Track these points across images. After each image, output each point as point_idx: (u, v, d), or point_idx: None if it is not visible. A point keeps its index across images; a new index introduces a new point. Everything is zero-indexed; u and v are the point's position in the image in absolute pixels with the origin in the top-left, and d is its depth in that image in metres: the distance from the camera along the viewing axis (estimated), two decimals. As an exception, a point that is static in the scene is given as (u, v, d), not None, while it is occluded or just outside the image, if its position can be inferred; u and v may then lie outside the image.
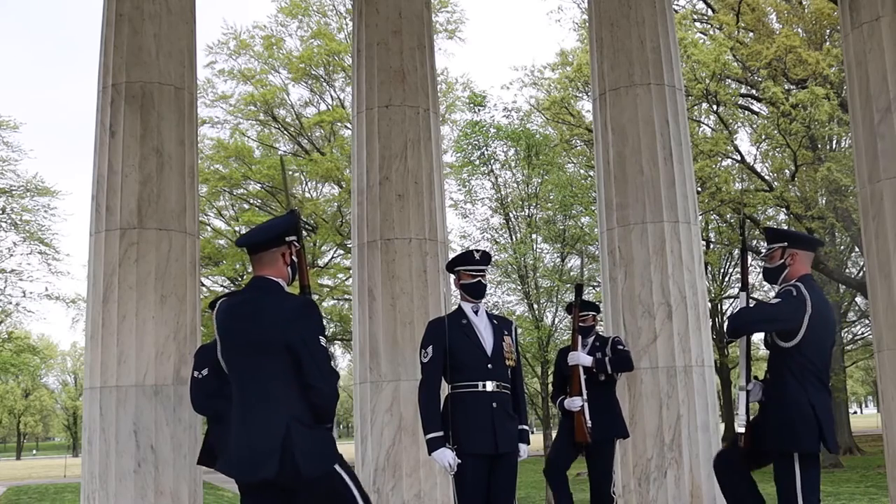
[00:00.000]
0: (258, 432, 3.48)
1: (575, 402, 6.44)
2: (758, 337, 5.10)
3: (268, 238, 3.72)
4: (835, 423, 4.59)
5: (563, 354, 6.87)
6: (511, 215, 18.91)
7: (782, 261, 4.68)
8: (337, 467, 3.62)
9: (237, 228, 25.51)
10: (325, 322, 3.70)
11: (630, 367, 6.68)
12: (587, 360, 6.51)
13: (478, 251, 5.06)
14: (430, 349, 4.84)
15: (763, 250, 4.92)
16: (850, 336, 27.53)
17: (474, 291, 4.97)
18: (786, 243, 4.70)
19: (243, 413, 3.57)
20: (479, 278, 4.98)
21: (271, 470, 3.41)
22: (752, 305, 4.77)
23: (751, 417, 4.70)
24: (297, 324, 3.53)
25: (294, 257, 3.76)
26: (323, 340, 3.57)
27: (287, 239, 3.73)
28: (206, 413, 5.95)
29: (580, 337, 6.74)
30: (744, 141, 35.58)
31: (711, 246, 24.70)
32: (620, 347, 6.69)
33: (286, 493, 3.53)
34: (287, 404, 3.50)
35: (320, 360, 3.54)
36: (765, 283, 5.05)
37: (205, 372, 5.85)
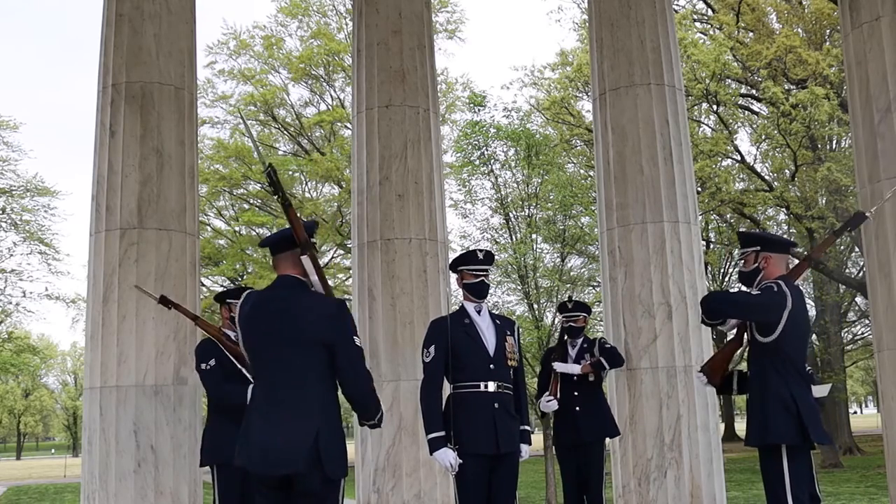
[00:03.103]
0: (289, 427, 3.49)
1: (551, 405, 6.49)
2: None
3: (290, 238, 3.80)
4: (820, 414, 4.58)
5: (549, 354, 6.90)
6: (511, 215, 18.89)
7: (756, 265, 4.70)
8: (343, 480, 3.65)
9: (237, 228, 25.51)
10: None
11: (622, 361, 6.78)
12: (575, 369, 6.55)
13: (481, 251, 5.05)
14: (432, 349, 4.84)
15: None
16: (850, 336, 27.51)
17: (477, 291, 4.97)
18: (759, 247, 4.72)
19: (273, 408, 3.57)
20: (483, 278, 4.98)
21: (299, 465, 3.43)
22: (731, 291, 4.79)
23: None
24: (336, 322, 3.61)
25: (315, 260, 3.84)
26: (357, 341, 3.66)
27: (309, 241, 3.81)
28: (231, 398, 5.92)
29: (568, 338, 6.79)
30: (744, 141, 35.63)
31: (711, 246, 24.70)
32: (608, 346, 6.74)
33: (295, 493, 3.53)
34: (320, 402, 3.55)
35: (355, 359, 3.64)
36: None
37: (212, 363, 5.87)
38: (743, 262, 4.80)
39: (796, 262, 4.99)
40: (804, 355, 4.67)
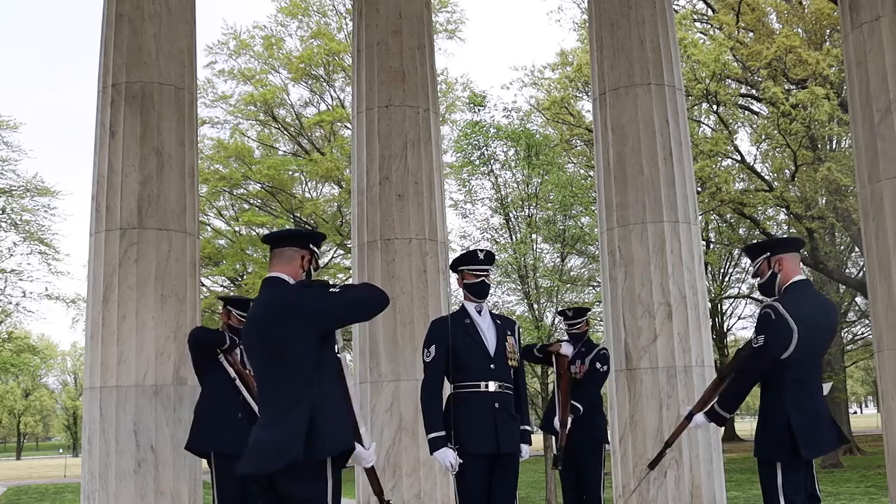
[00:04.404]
0: (282, 427, 3.49)
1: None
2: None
3: (293, 234, 3.85)
4: (821, 427, 4.55)
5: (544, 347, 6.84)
6: (511, 215, 18.90)
7: (771, 270, 4.66)
8: (330, 482, 3.58)
9: (237, 228, 25.50)
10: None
11: (598, 385, 6.71)
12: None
13: (482, 251, 5.05)
14: (432, 349, 4.84)
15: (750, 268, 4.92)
16: (850, 336, 27.52)
17: (478, 291, 4.97)
18: (768, 253, 4.69)
19: (268, 414, 3.59)
20: (483, 278, 4.98)
21: (297, 452, 3.41)
22: (744, 367, 4.63)
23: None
24: (303, 297, 3.59)
25: (312, 266, 3.84)
26: (333, 289, 3.62)
27: (311, 246, 3.84)
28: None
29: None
30: (744, 141, 35.59)
31: (711, 246, 24.71)
32: (598, 366, 6.62)
33: (284, 497, 3.53)
34: (308, 393, 3.52)
35: (342, 305, 3.62)
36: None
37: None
38: (758, 275, 4.75)
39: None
40: (819, 360, 4.64)
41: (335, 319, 3.66)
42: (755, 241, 7.04)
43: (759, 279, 4.76)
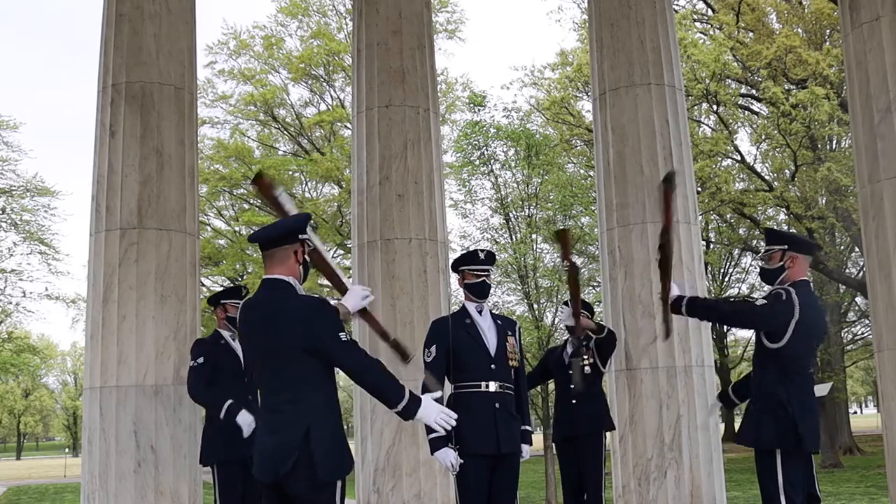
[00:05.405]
0: (279, 435, 3.48)
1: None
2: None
3: (280, 234, 3.70)
4: (818, 421, 4.58)
5: (551, 354, 6.92)
6: (511, 215, 18.90)
7: (781, 263, 4.70)
8: (339, 483, 3.57)
9: (237, 228, 25.50)
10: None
11: (612, 344, 6.67)
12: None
13: (482, 251, 5.07)
14: (433, 349, 4.86)
15: (762, 250, 4.95)
16: (850, 336, 27.53)
17: (478, 291, 4.98)
18: (786, 246, 4.72)
19: (267, 415, 3.58)
20: (484, 278, 4.99)
21: (286, 469, 3.41)
22: (734, 304, 4.79)
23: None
24: (314, 326, 3.50)
25: (307, 256, 3.73)
26: (344, 336, 3.53)
27: (300, 237, 3.71)
28: (203, 401, 6.02)
29: (570, 336, 6.76)
30: (744, 141, 35.56)
31: (711, 246, 24.71)
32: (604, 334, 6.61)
33: (289, 497, 3.53)
34: (308, 407, 3.49)
35: (348, 355, 3.53)
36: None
37: (200, 360, 5.99)
38: (766, 259, 4.78)
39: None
40: (812, 358, 4.68)
41: (327, 351, 3.54)
42: (777, 228, 7.07)
43: (764, 263, 4.79)
